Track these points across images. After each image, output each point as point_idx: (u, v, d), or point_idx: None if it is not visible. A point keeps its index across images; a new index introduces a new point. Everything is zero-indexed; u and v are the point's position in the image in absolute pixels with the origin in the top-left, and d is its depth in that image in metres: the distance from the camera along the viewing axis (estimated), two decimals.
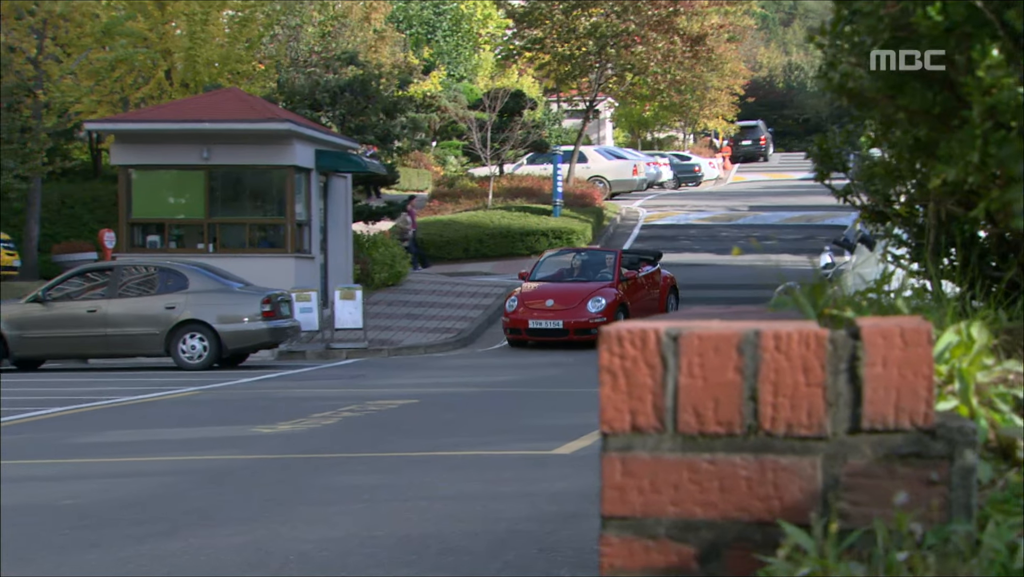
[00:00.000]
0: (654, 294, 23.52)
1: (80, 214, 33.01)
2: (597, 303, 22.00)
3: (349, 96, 33.73)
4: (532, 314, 22.14)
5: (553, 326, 22.02)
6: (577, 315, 21.92)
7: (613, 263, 23.03)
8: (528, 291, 22.64)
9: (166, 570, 5.79)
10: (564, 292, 22.40)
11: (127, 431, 11.86)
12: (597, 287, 22.38)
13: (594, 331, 21.27)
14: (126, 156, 26.15)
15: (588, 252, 24.99)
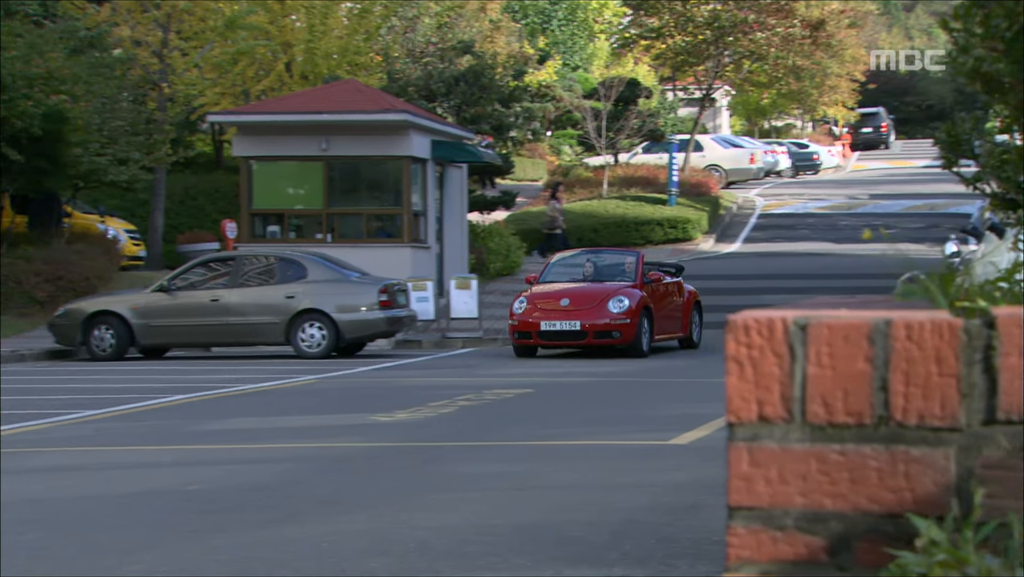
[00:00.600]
0: (678, 304, 20.67)
1: (203, 205, 33.65)
2: (619, 303, 19.05)
3: (464, 86, 33.87)
4: (545, 315, 19.11)
5: (569, 328, 19.02)
6: (597, 315, 18.98)
7: (635, 264, 20.25)
8: (540, 292, 19.80)
9: (289, 556, 5.88)
10: (582, 292, 19.61)
11: (249, 418, 12.07)
12: (619, 287, 19.57)
13: (616, 334, 18.94)
14: (247, 148, 26.58)
15: (605, 253, 22.61)
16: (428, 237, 27.42)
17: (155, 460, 9.36)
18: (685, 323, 20.72)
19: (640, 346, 19.06)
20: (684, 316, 20.69)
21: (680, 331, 20.59)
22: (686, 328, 20.73)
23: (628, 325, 18.91)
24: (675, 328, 20.43)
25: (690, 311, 20.82)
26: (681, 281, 21.20)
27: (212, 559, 5.82)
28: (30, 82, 24.63)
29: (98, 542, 6.22)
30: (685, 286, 21.18)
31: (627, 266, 20.25)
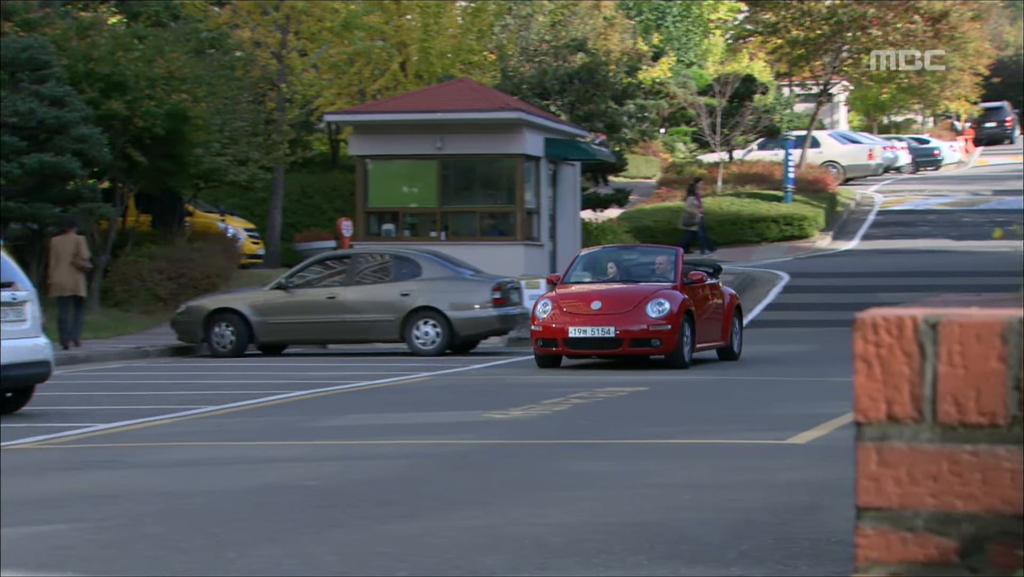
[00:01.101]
0: (718, 309, 18.12)
1: (319, 203, 34.09)
2: (659, 306, 16.65)
3: (578, 84, 33.85)
4: (573, 320, 16.66)
5: (602, 335, 16.58)
6: (634, 321, 16.58)
7: (673, 261, 17.74)
8: (566, 293, 17.33)
9: (407, 551, 5.93)
10: (616, 294, 17.16)
11: (365, 415, 12.20)
12: (658, 288, 17.11)
13: (655, 342, 16.63)
14: (363, 147, 26.87)
15: (637, 249, 20.19)
16: (541, 235, 27.45)
17: (275, 456, 9.50)
18: (725, 330, 18.14)
19: (682, 356, 16.81)
20: (724, 323, 18.17)
21: (720, 339, 18.07)
22: (726, 336, 18.16)
23: (669, 332, 16.61)
24: (715, 336, 17.96)
25: (731, 317, 18.30)
26: (719, 283, 18.82)
27: (332, 554, 5.89)
28: (152, 82, 25.17)
29: (220, 536, 6.34)
30: (724, 288, 18.85)
31: (664, 264, 17.81)
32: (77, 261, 20.17)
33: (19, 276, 12.71)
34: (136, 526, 6.61)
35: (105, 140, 23.93)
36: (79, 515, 7.01)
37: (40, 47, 23.47)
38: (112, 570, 5.60)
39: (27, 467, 9.01)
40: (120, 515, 6.97)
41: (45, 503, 7.42)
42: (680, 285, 17.22)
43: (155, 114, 24.93)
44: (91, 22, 26.59)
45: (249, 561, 5.75)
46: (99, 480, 8.34)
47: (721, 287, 18.58)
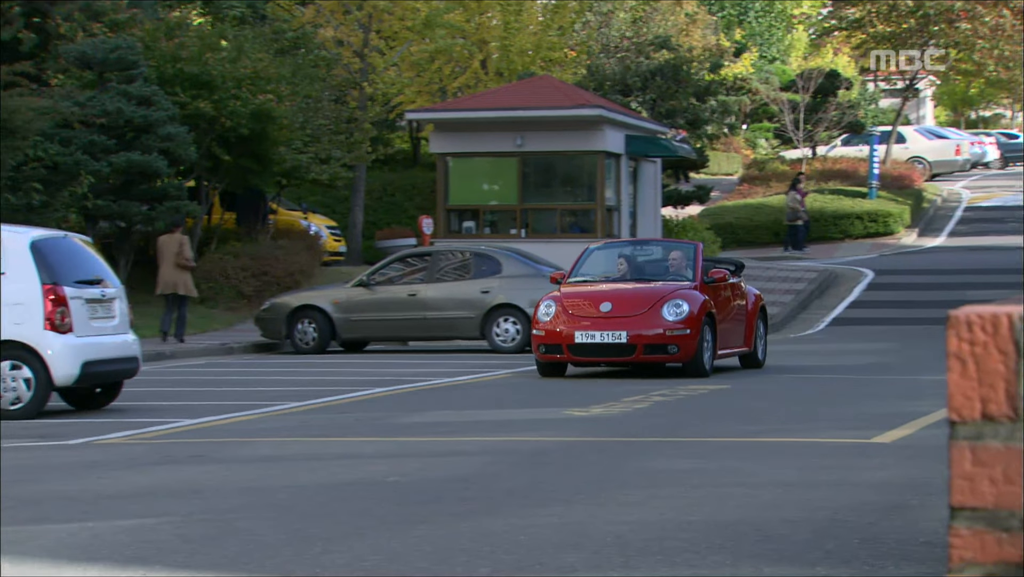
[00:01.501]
0: (741, 311, 16.48)
1: (400, 201, 34.28)
2: (676, 308, 15.04)
3: (660, 80, 33.70)
4: (579, 323, 15.04)
5: (612, 340, 14.96)
6: (648, 324, 14.99)
7: (692, 258, 15.96)
8: (572, 293, 15.57)
9: (488, 548, 5.94)
10: (628, 294, 15.49)
11: (446, 411, 12.24)
12: (675, 287, 15.43)
13: (672, 348, 15.03)
14: (444, 144, 26.96)
15: (652, 244, 18.38)
16: (622, 232, 27.37)
17: (357, 451, 9.56)
18: (748, 335, 16.52)
19: (701, 364, 15.21)
20: (748, 327, 16.53)
21: (743, 345, 16.46)
22: (750, 342, 16.54)
23: (688, 337, 15.00)
24: (738, 341, 16.35)
25: (754, 320, 16.64)
26: (742, 282, 17.04)
27: (414, 550, 5.91)
28: (238, 82, 25.47)
29: (304, 531, 6.39)
30: (748, 288, 17.10)
31: (681, 261, 16.03)
32: (180, 260, 20.63)
33: (108, 273, 12.92)
34: (222, 521, 6.69)
35: (191, 139, 24.26)
36: (166, 509, 7.11)
37: (128, 47, 23.83)
38: (198, 564, 5.67)
39: (115, 462, 9.16)
40: (206, 510, 7.05)
41: (133, 497, 7.53)
42: (700, 284, 15.57)
43: (240, 113, 25.22)
44: (178, 23, 26.95)
45: (334, 556, 5.79)
46: (185, 475, 8.45)
47: (744, 287, 16.99)
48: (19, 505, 7.28)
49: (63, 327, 11.88)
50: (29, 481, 8.23)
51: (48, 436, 10.60)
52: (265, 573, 5.47)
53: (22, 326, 11.81)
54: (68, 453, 9.71)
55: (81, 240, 13.28)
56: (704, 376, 15.15)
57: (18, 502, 7.39)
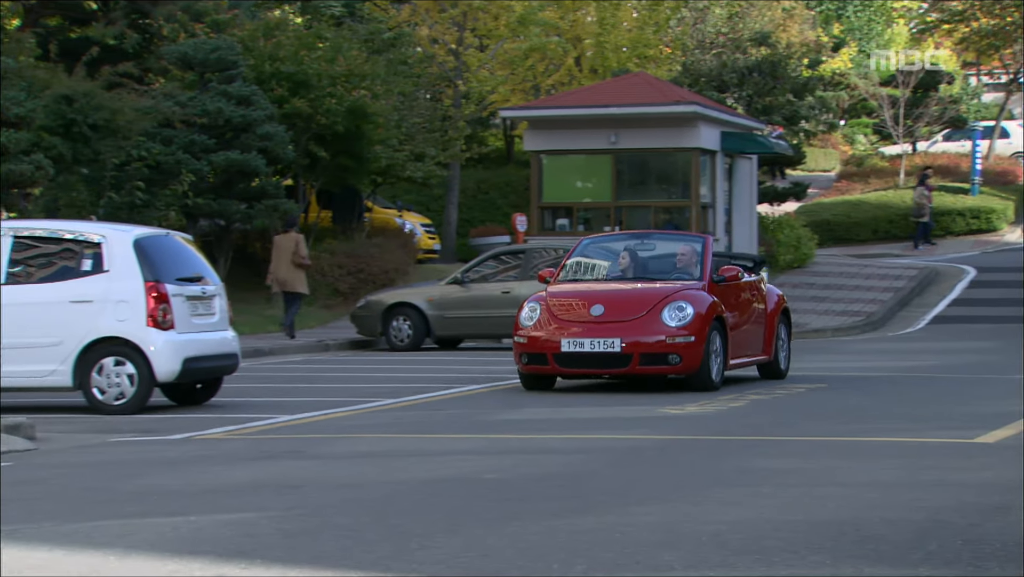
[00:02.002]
0: (759, 314, 14.64)
1: (494, 199, 34.35)
2: (679, 312, 13.18)
3: (757, 77, 33.40)
4: (566, 330, 13.18)
5: (604, 349, 13.09)
6: (646, 330, 13.09)
7: (699, 254, 13.98)
8: (560, 293, 13.67)
9: (584, 545, 5.93)
10: (623, 296, 13.58)
11: (540, 409, 12.24)
12: (677, 288, 13.50)
13: (674, 358, 13.14)
14: (538, 142, 26.97)
15: (655, 237, 16.08)
16: (716, 229, 27.18)
17: (451, 448, 9.60)
18: (768, 342, 14.70)
19: (708, 376, 13.33)
20: (767, 332, 14.68)
21: (761, 353, 14.66)
22: (769, 349, 14.73)
23: (692, 345, 13.12)
24: (755, 348, 14.53)
25: (775, 324, 14.78)
26: (762, 280, 15.07)
27: (510, 547, 5.92)
28: (334, 81, 25.71)
29: (401, 527, 6.43)
30: (769, 288, 15.15)
31: (687, 257, 14.06)
32: (296, 259, 21.00)
33: (208, 271, 13.11)
34: (320, 516, 6.76)
35: (289, 138, 24.53)
36: (265, 504, 7.20)
37: (228, 48, 24.16)
38: (297, 559, 5.73)
39: (215, 457, 9.29)
40: (304, 505, 7.12)
41: (233, 492, 7.63)
42: (708, 284, 13.70)
43: (336, 112, 25.45)
44: (276, 23, 27.27)
45: (430, 552, 5.82)
46: (283, 470, 8.55)
47: (764, 286, 15.04)
48: (123, 499, 7.42)
49: (165, 324, 12.09)
50: (132, 476, 8.38)
51: (151, 431, 10.78)
52: (363, 568, 5.51)
53: (126, 323, 12.03)
54: (170, 448, 9.87)
55: (182, 238, 13.49)
56: (711, 390, 13.25)
57: (122, 496, 7.53)
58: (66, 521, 6.71)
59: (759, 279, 14.95)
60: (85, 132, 20.95)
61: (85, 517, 6.83)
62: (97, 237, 12.27)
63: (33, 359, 12.01)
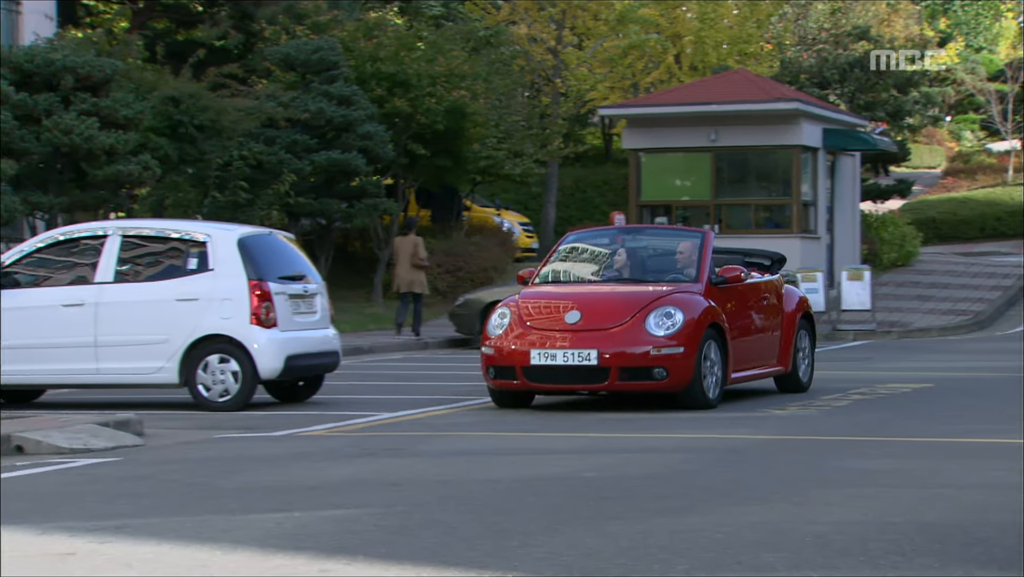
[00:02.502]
0: (773, 319, 12.95)
1: (592, 197, 34.30)
2: (666, 319, 11.52)
3: (859, 72, 32.95)
4: (536, 340, 11.57)
5: (579, 361, 11.44)
6: (627, 340, 11.45)
7: (697, 251, 12.29)
8: (535, 296, 12.07)
9: (685, 545, 5.90)
10: (602, 300, 11.91)
11: (640, 413, 12.18)
12: (665, 291, 11.82)
13: (659, 372, 11.45)
14: (636, 140, 26.90)
15: (648, 232, 14.61)
16: (818, 227, 26.88)
17: (550, 447, 9.60)
18: (784, 350, 13.03)
19: (699, 391, 11.64)
20: (783, 339, 13.02)
21: (776, 363, 12.99)
22: (786, 359, 13.04)
23: (680, 357, 11.47)
24: (767, 358, 12.88)
25: (793, 331, 13.10)
26: (780, 280, 13.34)
27: (610, 546, 5.91)
28: (433, 80, 25.85)
29: (500, 524, 6.44)
30: (790, 290, 13.41)
31: (684, 255, 12.39)
32: (415, 260, 21.28)
33: (310, 269, 13.26)
34: (420, 513, 6.80)
35: (388, 137, 24.72)
36: (366, 501, 7.26)
37: (329, 48, 24.42)
38: (399, 555, 5.77)
39: (317, 453, 9.39)
40: (404, 502, 7.17)
41: (335, 488, 7.71)
42: (705, 286, 12.05)
43: (435, 111, 25.59)
44: (376, 23, 27.51)
45: (530, 550, 5.83)
46: (383, 467, 8.61)
47: (781, 287, 13.28)
48: (227, 495, 7.53)
49: (268, 322, 12.24)
50: (236, 472, 8.50)
51: (254, 428, 10.93)
52: (463, 566, 5.53)
53: (230, 321, 12.20)
54: (273, 445, 9.99)
55: (284, 237, 13.64)
56: (705, 408, 11.65)
57: (226, 492, 7.64)
58: (173, 515, 6.83)
59: (775, 280, 13.25)
60: (191, 133, 21.30)
61: (191, 512, 6.94)
62: (202, 236, 12.47)
63: (141, 356, 12.23)
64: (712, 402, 11.78)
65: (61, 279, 12.59)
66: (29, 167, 19.30)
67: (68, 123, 18.81)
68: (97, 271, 12.44)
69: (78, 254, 12.67)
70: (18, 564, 5.73)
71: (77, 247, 12.70)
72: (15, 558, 5.85)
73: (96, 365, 12.32)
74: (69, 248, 12.74)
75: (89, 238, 12.68)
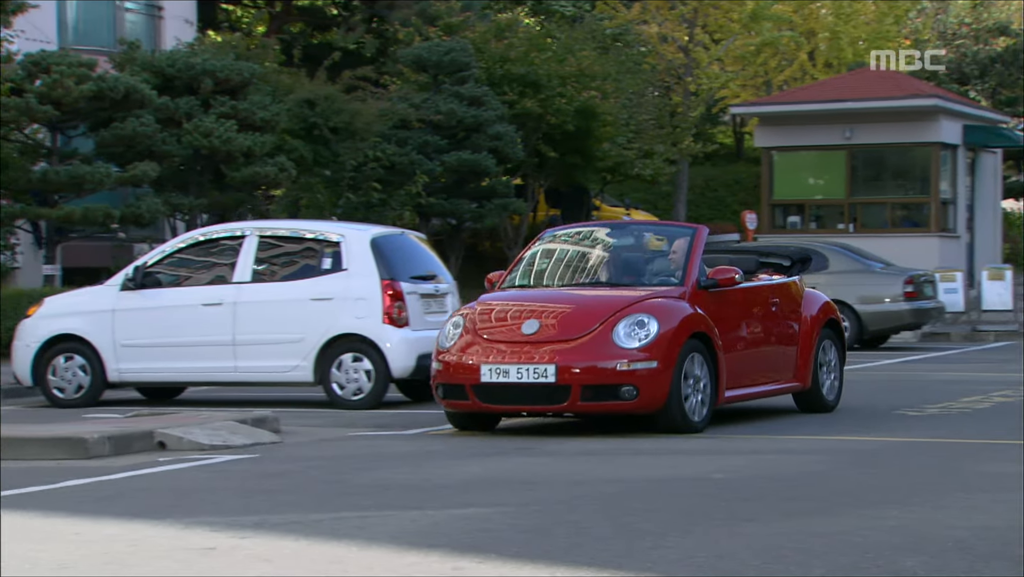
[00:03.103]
0: (783, 326, 11.22)
1: (723, 196, 34.01)
2: (638, 328, 9.88)
3: (1000, 68, 32.15)
4: (489, 353, 9.98)
5: (534, 378, 9.80)
6: (591, 353, 9.83)
7: (685, 251, 10.59)
8: (494, 302, 10.44)
9: (820, 548, 5.82)
10: (567, 306, 10.23)
11: (769, 409, 12.05)
12: (642, 296, 10.20)
13: (627, 391, 9.77)
14: (769, 138, 26.63)
15: (631, 229, 12.17)
16: (957, 226, 26.31)
17: (680, 447, 9.54)
18: (803, 364, 11.28)
19: (678, 413, 9.96)
20: (801, 350, 11.28)
21: (792, 378, 11.28)
22: (804, 374, 11.30)
23: (653, 373, 9.81)
24: (777, 374, 11.18)
25: (813, 341, 11.36)
26: (797, 284, 11.57)
27: (744, 548, 5.85)
28: (563, 81, 25.88)
29: (633, 525, 6.42)
30: (811, 294, 11.66)
31: (677, 255, 10.69)
32: None
33: (441, 269, 13.38)
34: (552, 512, 6.81)
35: (518, 137, 24.81)
36: (499, 499, 7.30)
37: (461, 49, 24.60)
38: (530, 554, 5.78)
39: (448, 452, 9.47)
40: (536, 501, 7.19)
41: (467, 487, 7.76)
42: (691, 290, 10.37)
43: (565, 111, 25.62)
44: (507, 24, 27.64)
45: (663, 552, 5.80)
46: (515, 466, 8.65)
47: (801, 290, 11.59)
48: (361, 492, 7.63)
49: (400, 321, 12.37)
50: (371, 469, 8.61)
51: (386, 426, 11.05)
52: (597, 566, 5.53)
53: (363, 320, 12.37)
54: (405, 443, 10.10)
55: (416, 237, 13.78)
56: (690, 432, 9.99)
57: (360, 489, 7.75)
58: (310, 512, 6.95)
59: (791, 282, 11.48)
60: (325, 135, 21.64)
61: (327, 508, 7.05)
62: (336, 236, 12.65)
63: (277, 355, 12.46)
64: (696, 426, 10.05)
65: (201, 279, 12.88)
66: (170, 169, 19.78)
67: (208, 126, 19.24)
68: (235, 271, 12.71)
69: (217, 254, 12.96)
70: (161, 558, 5.88)
71: (216, 247, 12.99)
72: (158, 552, 6.00)
73: (234, 363, 12.57)
74: (208, 248, 13.04)
75: (227, 238, 12.95)
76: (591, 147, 26.53)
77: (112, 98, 18.22)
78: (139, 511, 7.03)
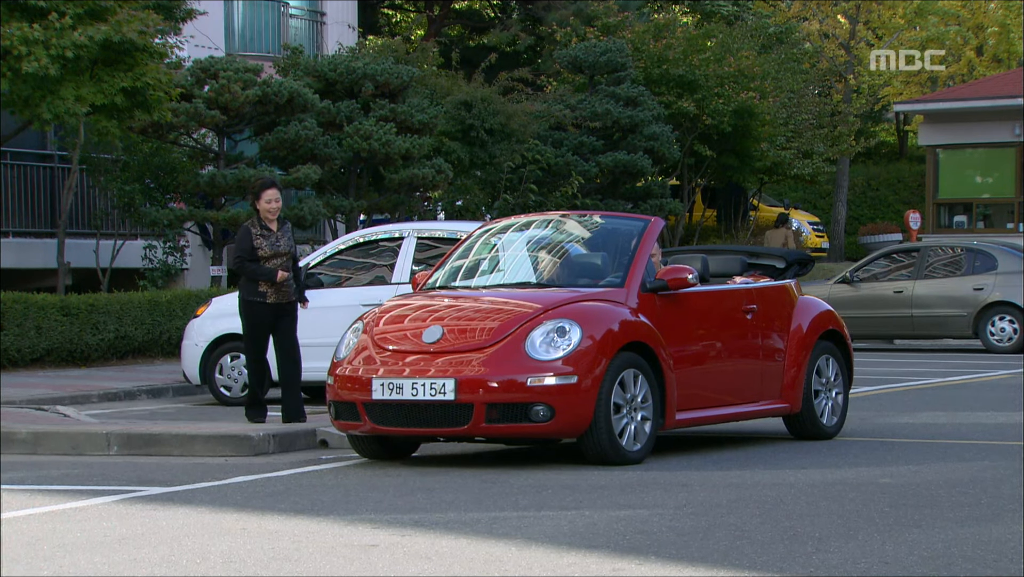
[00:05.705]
0: (763, 337, 9.58)
1: (885, 195, 33.30)
2: (558, 336, 8.36)
3: None
4: (382, 365, 8.50)
5: (431, 396, 8.29)
6: (499, 366, 8.30)
7: (632, 246, 9.03)
8: (398, 307, 8.96)
9: (991, 555, 5.66)
10: (478, 310, 8.67)
11: (937, 412, 11.76)
12: (567, 298, 8.68)
13: (539, 410, 8.20)
14: (933, 136, 26.02)
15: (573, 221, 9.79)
16: None
17: (844, 451, 9.37)
18: (791, 383, 9.65)
19: (605, 439, 8.37)
20: (789, 368, 9.67)
21: (777, 399, 9.66)
22: (792, 394, 9.67)
23: (572, 389, 8.26)
24: (755, 393, 9.55)
25: (805, 356, 9.72)
26: (788, 288, 9.92)
27: (910, 554, 5.72)
28: (721, 81, 25.67)
29: (793, 529, 6.33)
30: (806, 301, 10.03)
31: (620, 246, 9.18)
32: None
33: None
34: (711, 515, 6.75)
35: (675, 138, 24.67)
36: (656, 501, 7.26)
37: (617, 50, 24.56)
38: (690, 556, 5.75)
39: None
40: (693, 503, 7.14)
41: (623, 488, 7.74)
42: (635, 293, 8.78)
43: (723, 111, 25.39)
44: (665, 24, 27.53)
45: (825, 556, 5.71)
46: (671, 468, 8.58)
47: (790, 296, 9.90)
48: (518, 491, 7.66)
49: None
50: (528, 469, 8.64)
51: None
52: (757, 569, 5.46)
53: None
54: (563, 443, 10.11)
55: None
56: (623, 462, 8.41)
57: (517, 488, 7.78)
58: (468, 511, 7.00)
59: (779, 286, 9.87)
60: (482, 136, 21.81)
61: (485, 508, 7.10)
62: None
63: None
64: (631, 456, 8.44)
65: (360, 279, 13.08)
66: (331, 172, 20.16)
67: (367, 129, 19.56)
68: (394, 271, 12.87)
69: (376, 255, 13.15)
70: (325, 554, 5.99)
71: (376, 248, 13.18)
72: (322, 548, 6.12)
73: None
74: (368, 249, 13.23)
75: (387, 240, 13.13)
76: (748, 147, 26.24)
77: (276, 102, 18.65)
78: (304, 507, 7.17)
